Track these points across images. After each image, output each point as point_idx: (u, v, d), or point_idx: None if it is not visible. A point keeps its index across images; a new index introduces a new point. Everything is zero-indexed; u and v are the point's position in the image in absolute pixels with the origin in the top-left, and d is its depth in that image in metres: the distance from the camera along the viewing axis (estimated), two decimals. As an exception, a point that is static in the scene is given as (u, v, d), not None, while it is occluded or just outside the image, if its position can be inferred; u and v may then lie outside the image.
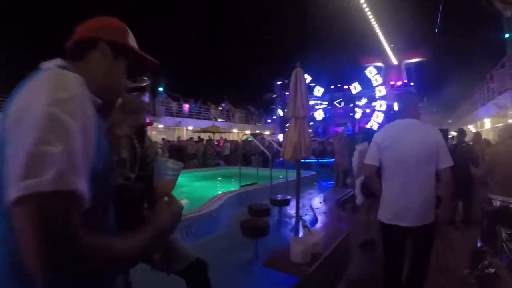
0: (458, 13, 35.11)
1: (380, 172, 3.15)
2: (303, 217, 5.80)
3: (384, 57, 32.37)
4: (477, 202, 7.04)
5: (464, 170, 5.91)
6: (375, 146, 3.12)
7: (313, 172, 14.76)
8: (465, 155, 6.46)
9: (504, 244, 4.08)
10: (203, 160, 19.20)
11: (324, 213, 6.76)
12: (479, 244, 4.43)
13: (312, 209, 6.93)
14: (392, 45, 32.17)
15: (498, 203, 4.20)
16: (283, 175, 11.10)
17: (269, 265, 3.80)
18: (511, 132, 4.45)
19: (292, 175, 11.27)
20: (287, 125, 5.50)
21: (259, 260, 4.69)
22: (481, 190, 6.99)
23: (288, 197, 7.65)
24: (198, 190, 11.77)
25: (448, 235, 6.01)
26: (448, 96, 31.22)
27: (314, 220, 6.45)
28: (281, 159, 9.88)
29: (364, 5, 26.65)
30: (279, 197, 7.71)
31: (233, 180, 12.06)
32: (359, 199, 5.87)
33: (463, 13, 34.45)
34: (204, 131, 23.65)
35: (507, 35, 12.99)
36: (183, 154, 18.87)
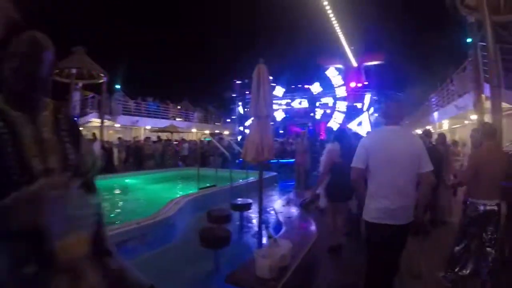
0: (419, 19, 36.10)
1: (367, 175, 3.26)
2: (267, 223, 5.45)
3: (344, 59, 32.59)
4: (441, 205, 7.04)
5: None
6: (363, 150, 3.22)
7: (274, 173, 14.48)
8: (432, 155, 6.29)
9: (486, 248, 3.99)
10: (161, 160, 18.46)
11: (289, 217, 6.40)
12: (456, 248, 4.22)
13: (276, 213, 6.56)
14: (352, 48, 32.49)
15: (482, 208, 4.00)
16: (243, 177, 10.71)
17: (232, 281, 3.38)
18: (489, 133, 4.23)
19: (252, 176, 10.98)
20: (246, 124, 5.10)
21: (220, 273, 4.26)
22: (445, 192, 6.96)
23: (249, 200, 7.26)
24: (154, 193, 11.18)
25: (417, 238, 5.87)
26: (407, 98, 31.61)
27: (279, 226, 6.10)
28: (241, 159, 9.60)
29: (327, 7, 26.65)
30: (240, 201, 7.30)
31: (192, 182, 11.51)
32: (323, 202, 5.59)
33: (424, 18, 35.45)
34: (162, 130, 22.76)
35: (469, 40, 13.28)
36: (140, 154, 18.13)
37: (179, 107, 32.27)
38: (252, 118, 4.86)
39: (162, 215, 6.38)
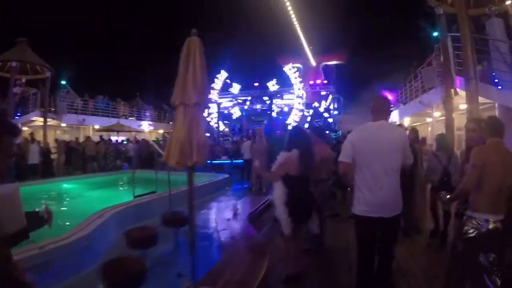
0: (382, 15, 36.13)
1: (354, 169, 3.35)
2: (182, 272, 4.14)
3: (303, 58, 32.01)
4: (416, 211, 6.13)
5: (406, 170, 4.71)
6: (350, 145, 3.35)
7: (226, 175, 13.16)
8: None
9: (488, 275, 3.08)
10: (104, 163, 16.73)
11: (232, 237, 5.09)
12: (452, 277, 3.29)
13: (218, 231, 5.24)
14: (311, 47, 31.92)
15: (484, 225, 3.02)
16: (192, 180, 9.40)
17: None
18: (496, 128, 3.24)
19: (198, 180, 9.69)
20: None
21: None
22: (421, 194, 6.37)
23: (185, 213, 5.69)
24: (89, 201, 9.58)
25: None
26: (368, 96, 31.43)
27: (218, 250, 4.80)
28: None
29: (287, 3, 25.66)
30: (174, 213, 5.62)
31: (132, 187, 9.94)
32: (280, 213, 4.09)
33: (387, 14, 35.52)
34: (107, 129, 20.93)
35: (436, 33, 13.01)
36: (82, 156, 16.38)
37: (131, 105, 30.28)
38: (177, 108, 3.53)
39: (77, 233, 5.03)
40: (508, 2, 10.12)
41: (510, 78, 8.01)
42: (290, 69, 26.54)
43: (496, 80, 8.59)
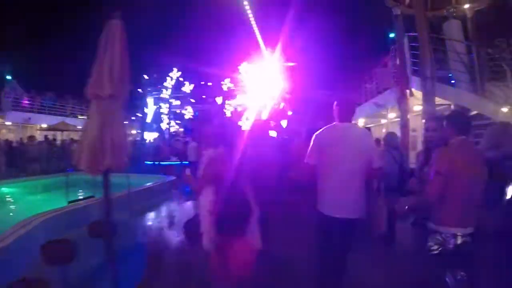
0: (339, 17, 36.47)
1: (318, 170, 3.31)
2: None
3: (260, 58, 31.78)
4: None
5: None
6: (315, 146, 3.33)
7: (172, 177, 12.13)
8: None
9: None
10: (47, 164, 15.64)
11: (160, 250, 4.49)
12: None
13: (148, 242, 4.64)
14: (268, 48, 31.75)
15: (452, 241, 2.59)
16: (137, 182, 8.75)
17: None
18: (461, 123, 2.81)
19: (142, 183, 9.08)
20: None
21: None
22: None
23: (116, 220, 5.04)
24: (18, 209, 8.67)
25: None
26: (329, 97, 31.48)
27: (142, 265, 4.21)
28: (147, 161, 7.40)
29: (246, 6, 25.25)
30: (103, 222, 4.79)
31: (75, 190, 9.07)
32: (204, 225, 3.37)
33: (344, 16, 35.88)
34: (51, 129, 19.74)
35: (392, 35, 13.08)
36: (24, 157, 15.24)
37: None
38: (91, 101, 2.97)
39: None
40: (466, 6, 10.22)
41: (466, 79, 7.97)
42: (244, 68, 26.05)
43: (453, 81, 8.56)
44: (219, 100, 26.22)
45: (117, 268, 3.34)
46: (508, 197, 3.18)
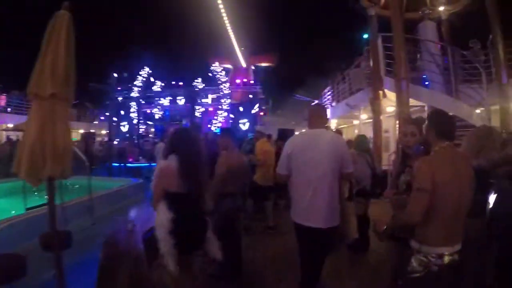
0: (313, 17, 36.64)
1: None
2: None
3: (233, 59, 31.58)
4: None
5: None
6: (285, 154, 3.24)
7: (139, 180, 10.89)
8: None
9: None
10: (7, 167, 14.89)
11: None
12: None
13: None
14: (243, 48, 31.58)
15: (437, 262, 2.27)
16: (101, 186, 8.32)
17: None
18: (442, 126, 2.44)
19: (105, 186, 8.65)
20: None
21: None
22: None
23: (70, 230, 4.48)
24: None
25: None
26: (294, 98, 31.71)
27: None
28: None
29: (220, 5, 24.91)
30: (56, 233, 4.25)
31: (35, 196, 8.44)
32: (163, 246, 2.97)
33: (318, 16, 36.08)
34: (13, 129, 18.90)
35: (365, 35, 13.52)
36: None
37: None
38: (32, 101, 2.65)
39: None
40: (441, 8, 10.30)
41: (440, 80, 7.95)
42: (217, 68, 25.74)
43: (427, 83, 8.54)
44: (188, 99, 25.71)
45: (66, 283, 3.06)
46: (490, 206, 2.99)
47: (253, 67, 32.34)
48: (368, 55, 11.74)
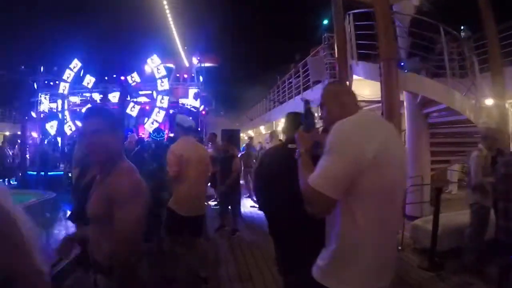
0: (262, 13, 36.00)
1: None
2: None
3: (175, 59, 29.74)
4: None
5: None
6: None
7: (52, 194, 8.04)
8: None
9: None
10: None
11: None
12: None
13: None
14: (186, 48, 29.93)
15: None
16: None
17: None
18: None
19: (17, 199, 6.42)
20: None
21: None
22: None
23: None
24: None
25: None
26: (239, 99, 32.45)
27: None
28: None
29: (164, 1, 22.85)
30: None
31: None
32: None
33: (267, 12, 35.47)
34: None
35: (325, 21, 12.79)
36: None
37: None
38: None
39: None
40: None
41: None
42: (153, 61, 23.30)
43: (402, 64, 7.11)
44: (117, 96, 22.97)
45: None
46: None
47: (197, 67, 30.65)
48: (328, 42, 10.52)
